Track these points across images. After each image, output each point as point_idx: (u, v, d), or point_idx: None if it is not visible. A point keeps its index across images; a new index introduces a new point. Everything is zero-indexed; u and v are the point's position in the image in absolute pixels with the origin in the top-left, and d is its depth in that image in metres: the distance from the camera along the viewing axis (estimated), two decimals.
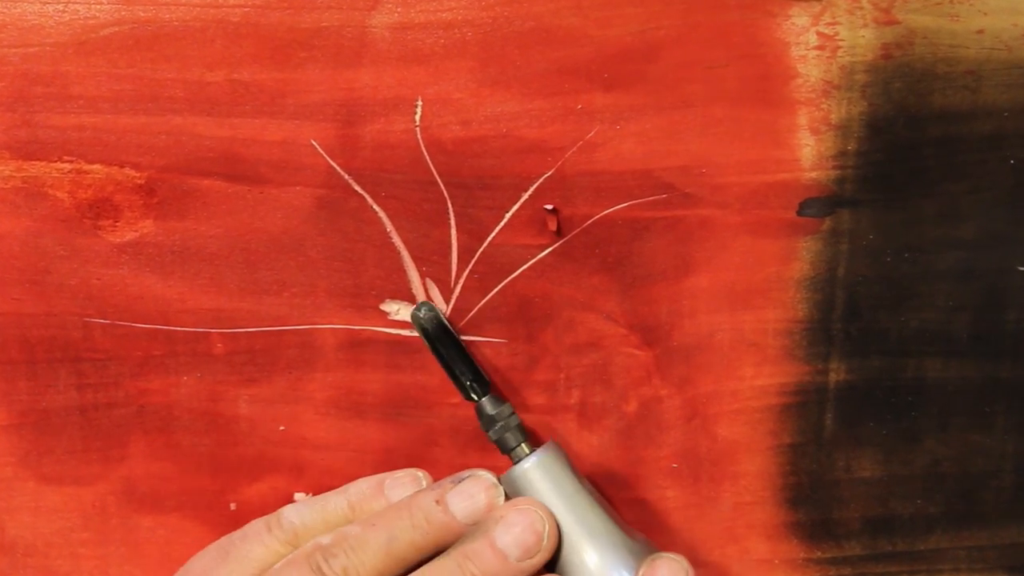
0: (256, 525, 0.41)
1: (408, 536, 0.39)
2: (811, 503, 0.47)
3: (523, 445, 0.42)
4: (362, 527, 0.39)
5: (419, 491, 0.40)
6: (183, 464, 0.45)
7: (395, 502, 0.40)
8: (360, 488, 0.42)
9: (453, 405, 0.46)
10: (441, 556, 0.39)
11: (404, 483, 0.41)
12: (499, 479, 0.41)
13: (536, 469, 0.41)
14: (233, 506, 0.46)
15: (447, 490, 0.39)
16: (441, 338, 0.43)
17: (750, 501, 0.47)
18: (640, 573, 0.39)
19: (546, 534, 0.39)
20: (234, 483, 0.46)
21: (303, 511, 0.41)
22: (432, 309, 0.42)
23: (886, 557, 0.48)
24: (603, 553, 0.40)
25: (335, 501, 0.41)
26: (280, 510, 0.41)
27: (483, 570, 0.38)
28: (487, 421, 0.43)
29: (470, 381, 0.43)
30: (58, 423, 0.45)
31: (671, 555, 0.39)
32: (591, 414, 0.46)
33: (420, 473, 0.42)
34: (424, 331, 0.42)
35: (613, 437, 0.46)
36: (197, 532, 0.46)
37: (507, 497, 0.41)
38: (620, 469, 0.47)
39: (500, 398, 0.43)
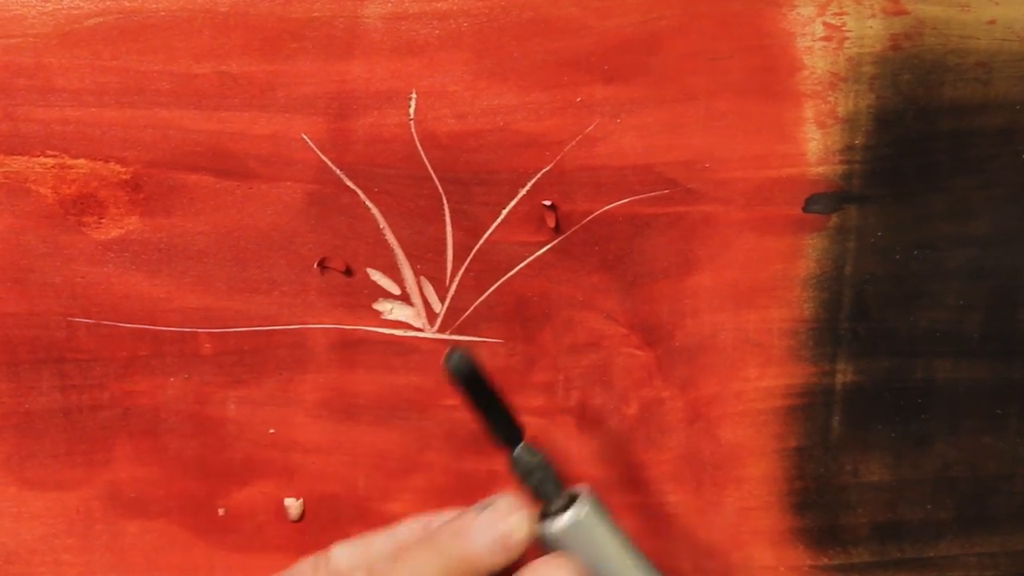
0: (303, 566, 0.40)
1: (432, 571, 0.38)
2: (818, 508, 0.47)
3: (560, 497, 0.39)
4: (391, 563, 0.38)
5: (444, 523, 0.40)
6: (170, 468, 0.45)
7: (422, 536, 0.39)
8: (409, 527, 0.41)
9: (448, 407, 0.46)
10: None
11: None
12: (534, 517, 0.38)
13: (578, 528, 0.38)
14: (222, 511, 0.46)
15: (470, 520, 0.38)
16: (476, 385, 0.38)
17: (755, 506, 0.47)
18: None
19: None
20: (222, 488, 0.45)
21: (349, 551, 0.40)
22: (464, 356, 0.38)
23: (895, 564, 0.48)
24: None
25: (382, 541, 0.41)
26: (330, 549, 0.41)
27: None
28: (524, 471, 0.39)
29: (506, 429, 0.39)
30: (41, 426, 0.45)
31: None
32: (590, 416, 0.46)
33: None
34: (458, 379, 0.38)
35: (613, 440, 0.46)
36: (184, 538, 0.46)
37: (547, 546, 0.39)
38: (620, 473, 0.47)
39: (535, 446, 0.39)
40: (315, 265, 0.44)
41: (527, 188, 0.44)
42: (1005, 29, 0.43)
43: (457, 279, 0.45)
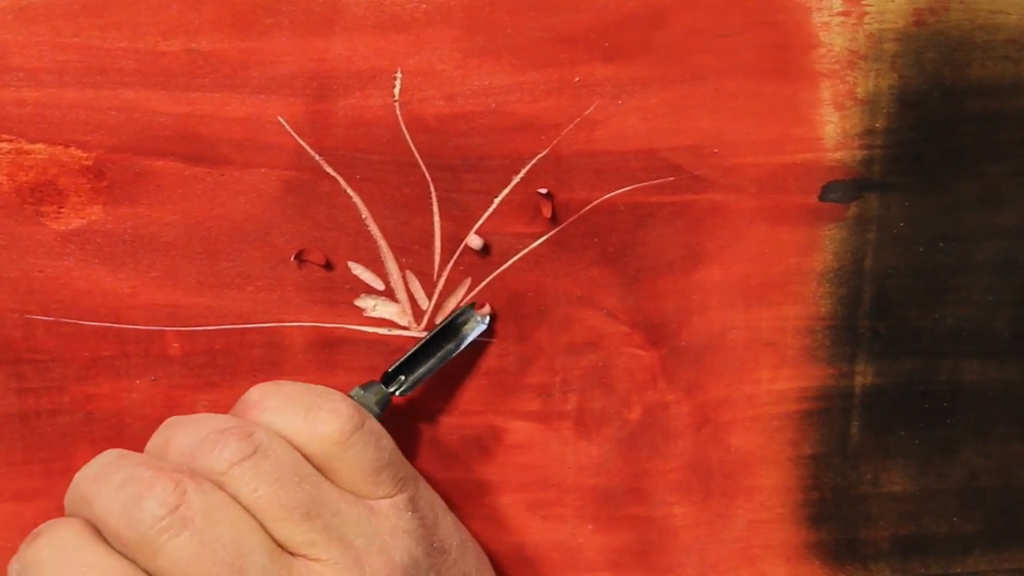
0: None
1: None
2: (835, 521, 0.47)
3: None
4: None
5: None
6: None
7: None
8: None
9: (435, 412, 0.46)
10: None
11: None
12: None
13: None
14: None
15: None
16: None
17: (767, 518, 0.47)
18: None
19: None
20: None
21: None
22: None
23: None
24: None
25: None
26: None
27: None
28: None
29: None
30: None
31: None
32: (590, 422, 0.46)
33: None
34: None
35: (614, 447, 0.46)
36: None
37: None
38: (622, 483, 0.47)
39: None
40: (292, 258, 0.44)
41: (521, 175, 0.44)
42: None
43: (445, 273, 0.45)
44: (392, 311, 0.45)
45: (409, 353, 0.44)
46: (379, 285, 0.45)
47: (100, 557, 0.36)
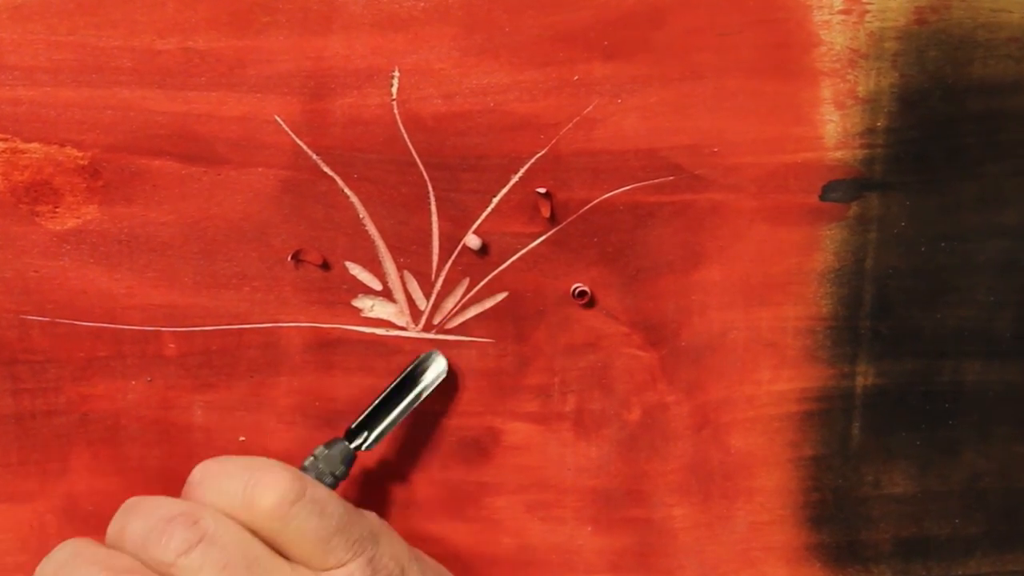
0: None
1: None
2: (836, 522, 0.47)
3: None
4: None
5: None
6: (131, 479, 0.45)
7: None
8: None
9: (433, 414, 0.46)
10: None
11: None
12: None
13: None
14: None
15: None
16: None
17: (767, 520, 0.47)
18: None
19: None
20: None
21: None
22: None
23: None
24: None
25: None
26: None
27: None
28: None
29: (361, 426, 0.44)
30: None
31: None
32: (589, 423, 0.46)
33: None
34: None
35: (614, 448, 0.46)
36: None
37: None
38: (621, 485, 0.47)
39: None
40: (289, 258, 0.44)
41: (520, 174, 0.44)
42: None
43: (443, 274, 0.45)
44: (390, 311, 0.45)
45: (371, 407, 0.44)
46: (377, 285, 0.45)
47: None
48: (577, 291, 0.44)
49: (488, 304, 0.45)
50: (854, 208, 0.45)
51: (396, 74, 0.43)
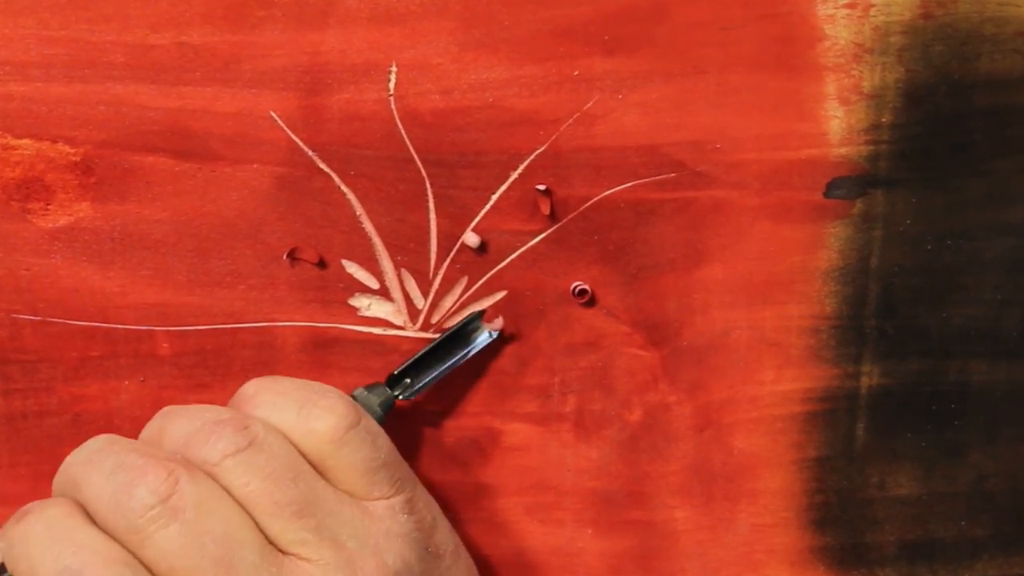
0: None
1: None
2: (840, 525, 0.47)
3: None
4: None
5: None
6: None
7: None
8: None
9: (432, 413, 0.46)
10: None
11: None
12: None
13: None
14: None
15: None
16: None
17: (771, 523, 0.47)
18: None
19: None
20: None
21: None
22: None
23: None
24: None
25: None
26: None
27: None
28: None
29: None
30: None
31: None
32: (589, 424, 0.46)
33: None
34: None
35: (614, 449, 0.46)
36: None
37: None
38: (622, 486, 0.47)
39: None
40: (284, 256, 0.44)
41: (519, 171, 0.44)
42: None
43: (442, 272, 0.45)
44: (387, 310, 0.45)
45: (416, 356, 0.44)
46: (374, 284, 0.45)
47: (91, 538, 0.36)
48: (577, 289, 0.44)
49: (487, 303, 0.45)
50: (859, 205, 0.45)
51: (393, 69, 0.43)
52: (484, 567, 0.46)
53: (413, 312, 0.45)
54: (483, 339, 0.44)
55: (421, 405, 0.45)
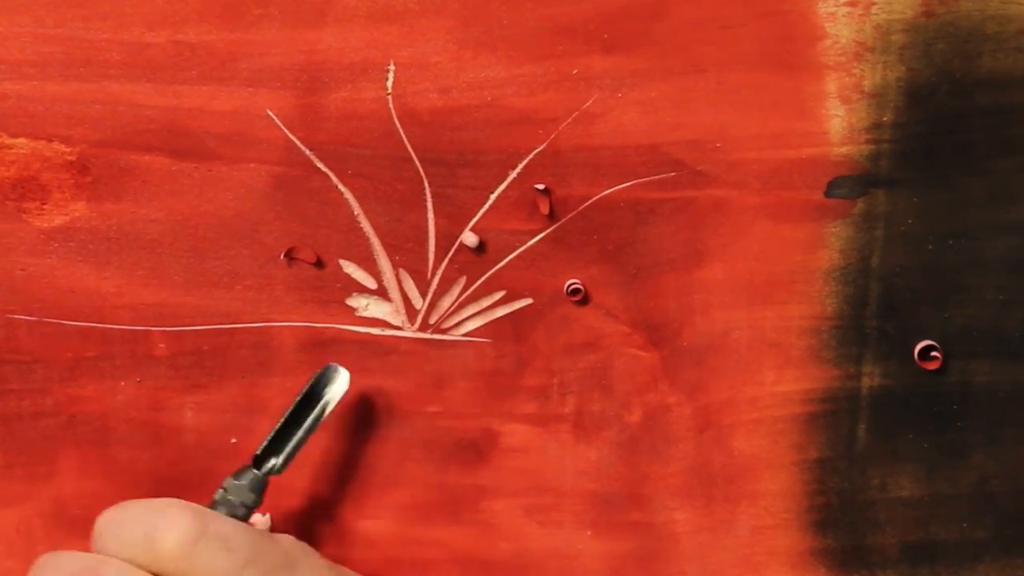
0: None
1: None
2: (841, 527, 0.47)
3: None
4: None
5: None
6: (120, 482, 0.45)
7: None
8: None
9: (431, 415, 0.46)
10: None
11: None
12: None
13: None
14: None
15: None
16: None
17: (771, 524, 0.47)
18: None
19: None
20: None
21: None
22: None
23: None
24: None
25: None
26: None
27: None
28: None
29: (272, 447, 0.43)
30: None
31: None
32: (589, 424, 0.46)
33: None
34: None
35: (614, 451, 0.46)
36: None
37: None
38: (622, 488, 0.46)
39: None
40: (282, 256, 0.44)
41: (518, 170, 0.44)
42: None
43: (440, 271, 0.45)
44: (385, 310, 0.45)
45: (273, 432, 0.42)
46: (371, 284, 0.45)
47: None
48: (571, 288, 0.44)
49: (485, 303, 0.45)
50: (860, 205, 0.45)
51: (391, 68, 0.43)
52: (482, 569, 0.46)
53: (411, 312, 0.45)
54: (339, 390, 0.43)
55: (419, 406, 0.45)
